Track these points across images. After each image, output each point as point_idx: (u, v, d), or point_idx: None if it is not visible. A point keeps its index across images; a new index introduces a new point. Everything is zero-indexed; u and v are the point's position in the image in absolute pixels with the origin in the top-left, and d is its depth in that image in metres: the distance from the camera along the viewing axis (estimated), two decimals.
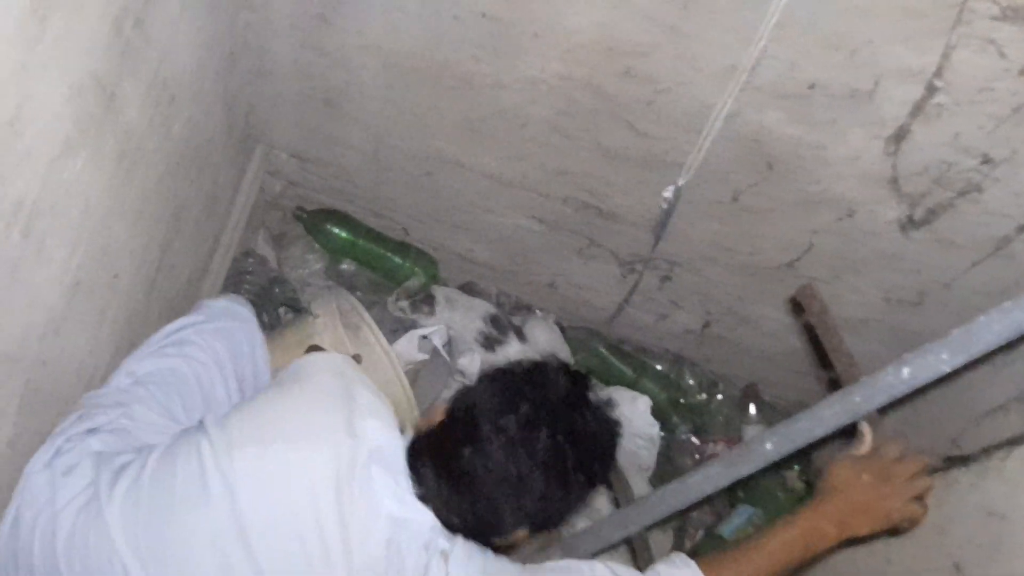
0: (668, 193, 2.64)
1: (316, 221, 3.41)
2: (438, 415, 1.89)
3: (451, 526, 1.82)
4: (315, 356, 2.06)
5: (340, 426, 1.82)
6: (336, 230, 3.39)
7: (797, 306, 2.24)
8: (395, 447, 1.85)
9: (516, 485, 1.76)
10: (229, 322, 2.27)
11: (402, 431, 1.92)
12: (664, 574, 1.92)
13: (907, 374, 1.96)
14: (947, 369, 1.93)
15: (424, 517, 1.80)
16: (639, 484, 3.19)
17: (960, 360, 1.91)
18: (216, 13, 2.33)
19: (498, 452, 1.76)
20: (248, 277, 3.27)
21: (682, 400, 3.54)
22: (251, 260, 3.32)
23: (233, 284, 3.23)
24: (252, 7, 2.49)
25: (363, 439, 1.81)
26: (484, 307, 3.38)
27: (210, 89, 2.46)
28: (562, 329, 3.52)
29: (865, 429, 2.13)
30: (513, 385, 1.85)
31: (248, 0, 2.46)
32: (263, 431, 1.84)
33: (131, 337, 2.26)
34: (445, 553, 1.77)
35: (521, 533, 1.86)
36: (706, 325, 3.34)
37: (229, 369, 2.17)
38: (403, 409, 2.70)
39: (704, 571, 1.91)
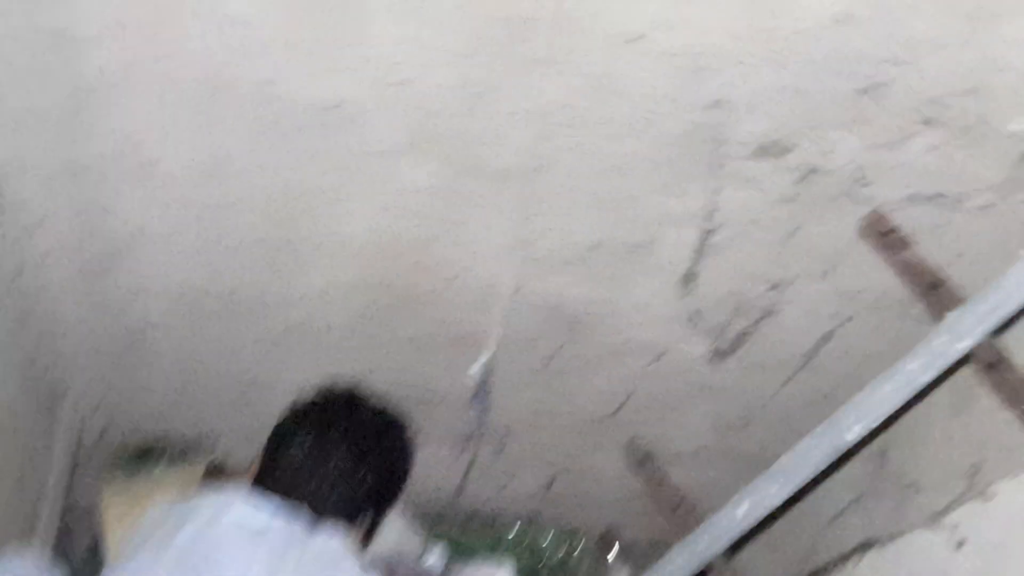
0: (475, 371, 2.65)
1: (142, 460, 3.31)
2: (257, 461, 2.14)
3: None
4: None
5: (187, 514, 2.01)
6: (162, 466, 3.31)
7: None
8: (236, 497, 2.04)
9: (331, 475, 2.04)
10: (26, 571, 2.19)
11: None
12: None
13: (743, 512, 1.98)
14: (778, 501, 1.95)
15: (283, 521, 1.97)
16: None
17: (789, 489, 1.94)
18: None
19: (304, 460, 2.05)
20: (77, 531, 3.16)
21: (542, 560, 3.51)
22: (79, 512, 3.21)
23: (64, 540, 3.11)
24: (31, 268, 2.44)
25: (214, 505, 2.02)
26: None
27: (1, 357, 2.39)
28: (410, 514, 3.47)
29: None
30: (298, 413, 2.15)
31: (21, 267, 2.41)
32: None
33: None
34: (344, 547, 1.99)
35: (365, 522, 2.13)
36: (551, 484, 3.32)
37: None
38: None
39: None
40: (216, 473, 3.17)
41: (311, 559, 1.94)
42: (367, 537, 2.19)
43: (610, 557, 3.46)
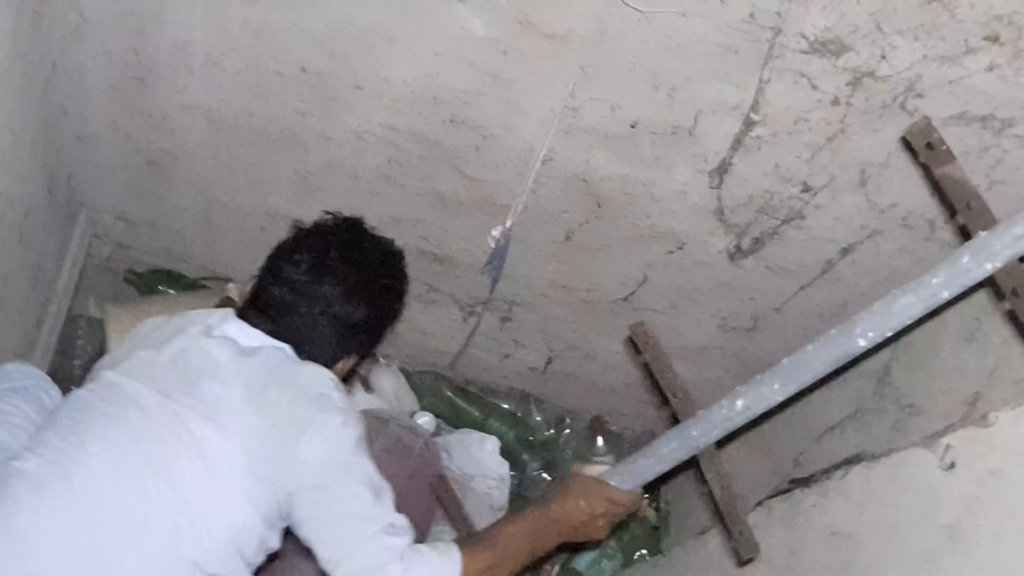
0: (497, 234, 2.65)
1: (148, 283, 3.34)
2: (254, 280, 2.20)
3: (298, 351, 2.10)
4: None
5: (181, 327, 2.10)
6: (170, 291, 3.32)
7: (634, 344, 2.26)
8: (229, 315, 2.13)
9: (326, 298, 2.09)
10: (27, 381, 2.23)
11: None
12: (428, 557, 1.94)
13: (741, 406, 1.99)
14: (780, 399, 1.96)
15: (273, 343, 2.07)
16: None
17: (792, 389, 1.94)
18: (28, 82, 2.27)
19: (301, 277, 2.09)
20: (79, 343, 3.18)
21: (531, 437, 3.54)
22: (82, 324, 3.23)
23: (64, 350, 3.14)
24: (67, 72, 2.43)
25: (207, 321, 2.10)
26: None
27: (27, 160, 2.39)
28: (407, 375, 3.50)
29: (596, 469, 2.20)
30: (300, 233, 2.21)
31: (61, 66, 2.40)
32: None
33: None
34: (333, 379, 2.05)
35: (351, 359, 2.21)
36: (549, 361, 3.35)
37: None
38: None
39: (465, 559, 1.95)
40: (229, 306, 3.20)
41: (295, 388, 1.98)
42: (350, 375, 2.25)
43: (598, 442, 3.49)
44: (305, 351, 2.09)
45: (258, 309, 2.12)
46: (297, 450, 1.90)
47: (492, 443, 3.37)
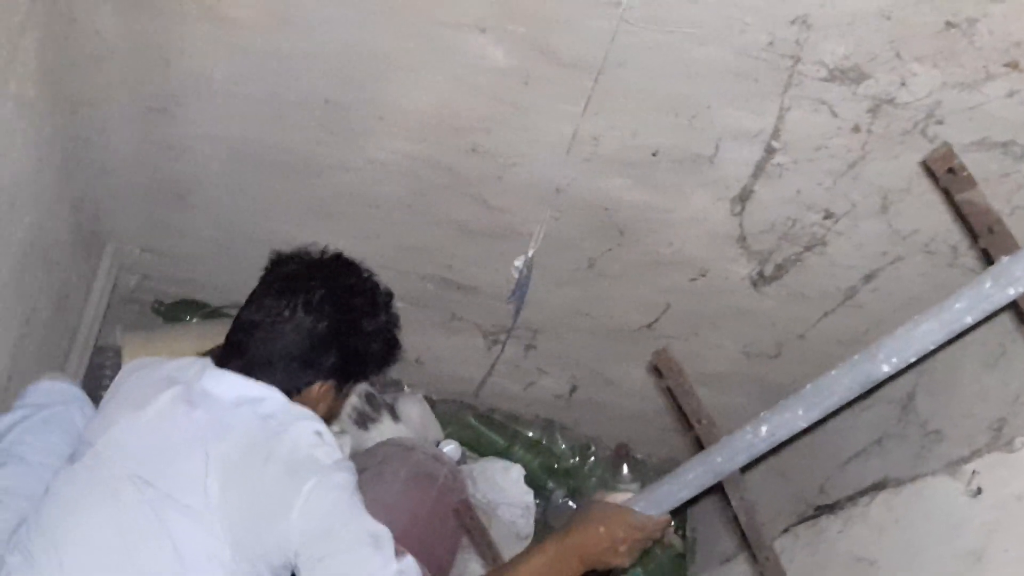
0: (520, 263, 2.65)
1: (174, 313, 3.35)
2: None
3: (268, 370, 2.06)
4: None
5: (163, 383, 2.06)
6: (195, 321, 3.34)
7: (657, 370, 2.26)
8: (208, 366, 2.08)
9: (290, 307, 2.06)
10: (58, 407, 2.19)
11: None
12: None
13: (766, 431, 1.97)
14: (803, 424, 1.95)
15: (254, 391, 2.01)
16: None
17: (815, 415, 1.93)
18: (53, 113, 2.30)
19: (268, 294, 2.11)
20: (107, 372, 3.20)
21: (555, 465, 3.55)
22: (109, 355, 3.25)
23: (92, 380, 3.16)
24: (91, 103, 2.45)
25: (186, 376, 2.06)
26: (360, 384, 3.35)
27: (52, 190, 2.42)
28: (432, 403, 3.51)
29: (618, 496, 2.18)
30: (276, 258, 2.23)
31: (86, 97, 2.42)
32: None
33: None
34: (320, 432, 1.99)
35: (324, 384, 2.12)
36: (573, 389, 3.35)
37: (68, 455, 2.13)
38: None
39: None
40: None
41: (278, 459, 1.92)
42: (341, 397, 2.21)
43: (624, 470, 3.49)
44: (272, 371, 2.05)
45: (231, 342, 2.10)
46: (286, 527, 1.87)
47: (517, 471, 3.37)
